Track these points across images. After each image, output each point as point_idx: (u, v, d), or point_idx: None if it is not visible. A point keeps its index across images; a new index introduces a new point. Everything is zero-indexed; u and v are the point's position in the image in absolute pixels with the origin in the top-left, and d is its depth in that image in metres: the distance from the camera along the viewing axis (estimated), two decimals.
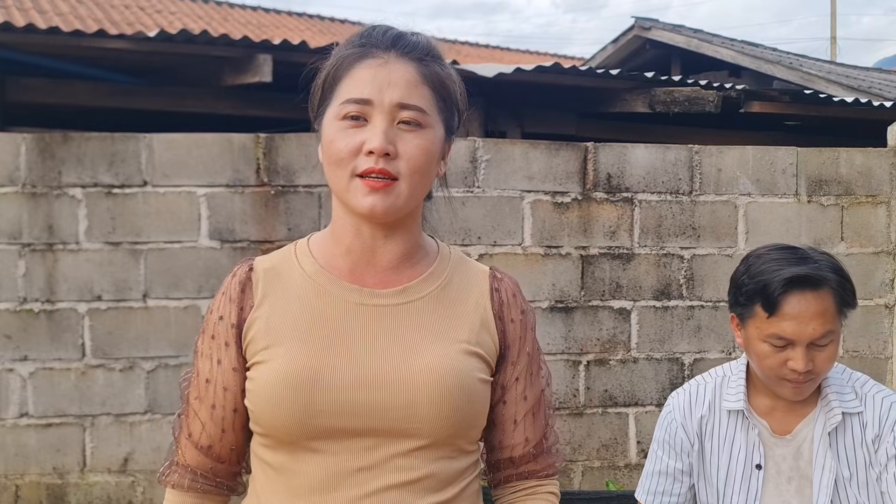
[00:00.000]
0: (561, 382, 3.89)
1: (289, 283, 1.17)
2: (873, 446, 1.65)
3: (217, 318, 1.19)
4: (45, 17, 9.76)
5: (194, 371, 1.22)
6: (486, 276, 1.26)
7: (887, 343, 4.04)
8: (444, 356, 1.13)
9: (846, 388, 1.69)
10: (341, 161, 1.12)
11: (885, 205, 4.03)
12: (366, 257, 1.17)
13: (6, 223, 3.54)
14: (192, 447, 1.21)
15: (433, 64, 1.16)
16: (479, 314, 1.20)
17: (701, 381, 1.79)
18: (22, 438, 3.57)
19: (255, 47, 3.88)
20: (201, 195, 3.64)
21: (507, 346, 1.22)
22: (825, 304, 1.58)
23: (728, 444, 1.70)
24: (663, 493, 1.75)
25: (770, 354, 1.59)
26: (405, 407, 1.10)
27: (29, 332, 3.56)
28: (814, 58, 11.40)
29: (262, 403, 1.12)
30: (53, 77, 4.22)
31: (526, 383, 1.23)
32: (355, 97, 1.11)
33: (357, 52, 1.14)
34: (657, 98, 4.35)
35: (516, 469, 1.26)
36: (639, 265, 3.92)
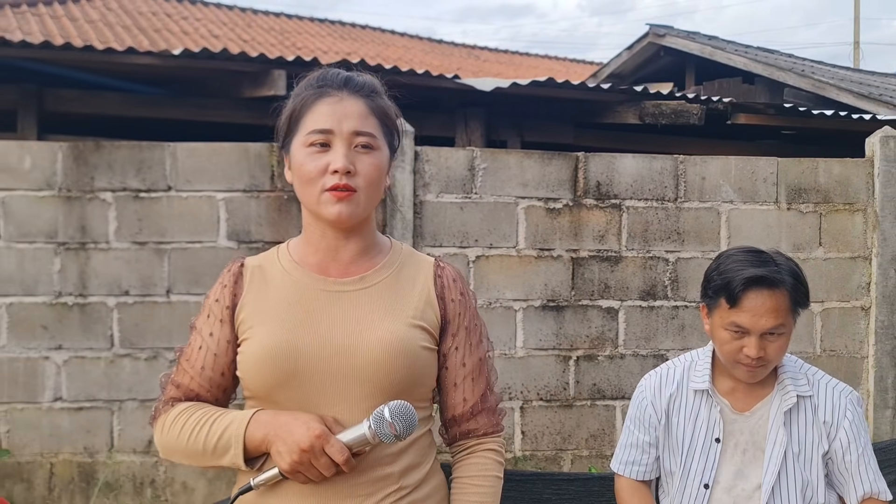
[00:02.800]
0: (552, 376, 4.20)
1: (271, 277, 1.48)
2: (825, 429, 1.91)
3: (213, 301, 1.49)
4: (76, 24, 10.21)
5: (189, 343, 1.51)
6: (430, 265, 1.53)
7: (863, 343, 4.30)
8: (392, 329, 1.41)
9: (799, 375, 1.96)
10: (311, 180, 1.41)
11: (862, 212, 4.30)
12: (330, 254, 1.47)
13: (44, 224, 3.94)
14: (180, 393, 1.49)
15: (377, 98, 1.46)
16: (424, 295, 1.48)
17: (671, 364, 2.07)
18: (56, 421, 3.95)
19: (271, 63, 4.25)
20: (220, 199, 4.01)
21: (448, 321, 1.49)
22: (779, 302, 1.83)
23: (692, 419, 1.97)
24: (633, 462, 2.03)
25: (729, 341, 1.86)
26: (361, 368, 1.39)
27: (63, 324, 3.94)
28: (830, 64, 11.53)
29: (250, 370, 1.42)
30: (86, 89, 4.62)
31: (465, 352, 1.50)
32: (319, 128, 1.41)
33: (316, 93, 1.44)
34: (646, 110, 4.66)
35: (459, 427, 1.52)
36: (626, 267, 4.22)
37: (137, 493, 4.00)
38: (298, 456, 1.32)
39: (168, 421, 1.46)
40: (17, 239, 3.92)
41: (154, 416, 1.52)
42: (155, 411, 1.52)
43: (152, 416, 1.53)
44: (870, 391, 4.26)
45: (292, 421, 1.35)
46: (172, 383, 1.51)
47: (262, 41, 11.54)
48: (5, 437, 3.92)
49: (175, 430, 1.44)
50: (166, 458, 1.50)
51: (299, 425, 1.34)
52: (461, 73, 12.34)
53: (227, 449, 1.39)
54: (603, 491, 3.37)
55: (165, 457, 1.49)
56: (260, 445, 1.37)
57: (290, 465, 1.33)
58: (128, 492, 3.99)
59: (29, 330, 3.92)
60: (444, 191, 4.10)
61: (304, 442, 1.32)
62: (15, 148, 3.96)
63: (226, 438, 1.39)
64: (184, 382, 1.48)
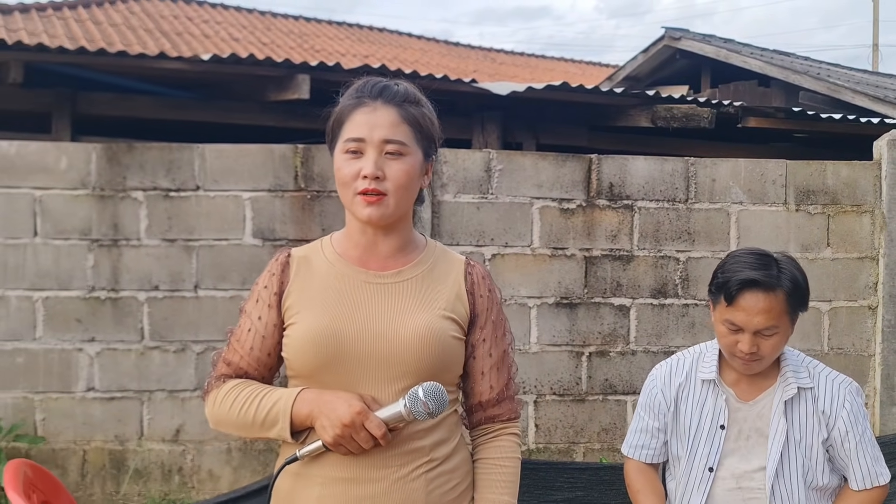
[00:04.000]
0: (565, 371, 4.36)
1: (317, 267, 1.61)
2: (823, 418, 2.05)
3: (262, 287, 1.62)
4: (100, 27, 10.45)
5: (239, 324, 1.64)
6: (461, 263, 1.66)
7: (870, 342, 4.42)
8: (426, 319, 1.55)
9: (801, 368, 2.10)
10: (346, 183, 1.56)
11: (870, 214, 4.42)
12: (370, 249, 1.60)
13: (78, 221, 4.14)
14: (231, 370, 1.63)
15: (410, 107, 1.58)
16: (454, 290, 1.62)
17: (681, 356, 2.21)
18: (89, 410, 4.15)
19: (296, 68, 4.44)
20: (246, 199, 4.20)
21: (477, 315, 1.63)
22: (772, 305, 1.95)
23: (699, 407, 2.11)
24: (643, 446, 2.18)
25: (726, 335, 2.01)
26: (397, 353, 1.53)
27: (96, 317, 4.14)
28: (847, 67, 11.60)
29: (296, 352, 1.55)
30: (118, 92, 4.83)
31: (491, 344, 1.64)
32: (353, 136, 1.55)
33: (354, 102, 1.57)
34: (658, 114, 4.81)
35: (485, 412, 1.65)
36: (638, 266, 4.37)
37: (165, 479, 4.19)
38: (341, 430, 1.47)
39: (220, 395, 1.60)
40: (52, 236, 4.12)
41: (206, 391, 1.66)
42: (207, 386, 1.66)
43: (204, 391, 1.67)
44: (876, 388, 4.38)
45: (335, 399, 1.49)
46: (224, 361, 1.64)
47: (282, 44, 11.76)
48: (41, 424, 4.12)
49: (227, 403, 1.58)
50: (216, 428, 1.64)
51: (341, 403, 1.48)
52: (477, 75, 12.51)
53: (275, 422, 1.53)
54: (613, 480, 3.53)
55: (215, 427, 1.63)
56: (305, 420, 1.52)
57: (334, 438, 1.48)
58: (156, 478, 4.18)
59: (63, 323, 4.12)
60: (461, 191, 4.27)
61: (346, 417, 1.46)
62: (52, 149, 4.16)
63: (274, 413, 1.53)
64: (234, 361, 1.62)
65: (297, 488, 1.56)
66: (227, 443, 4.20)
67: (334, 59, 11.55)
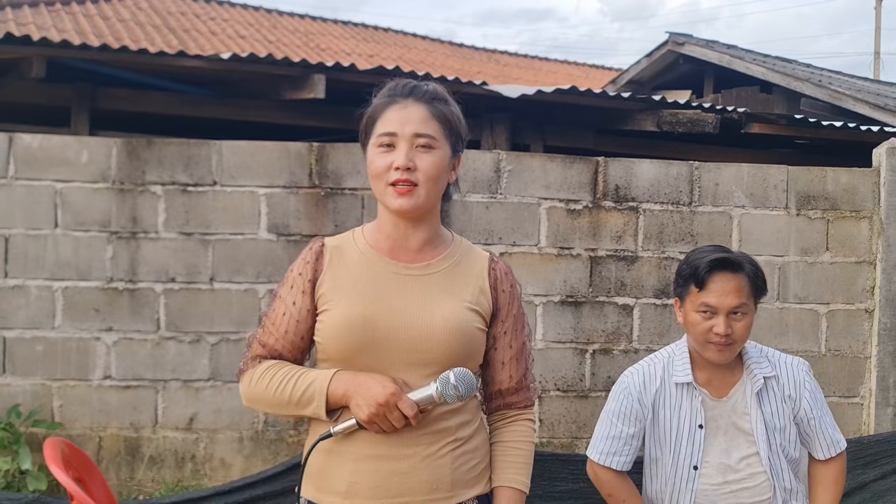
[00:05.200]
0: (569, 368, 4.50)
1: (349, 257, 1.71)
2: (790, 401, 2.22)
3: (297, 274, 1.71)
4: (108, 22, 10.58)
5: (273, 308, 1.73)
6: (486, 259, 1.78)
7: (867, 344, 4.57)
8: (452, 310, 1.67)
9: (761, 358, 2.26)
10: (380, 175, 1.67)
11: (868, 219, 4.57)
12: (400, 241, 1.71)
13: (98, 214, 4.27)
14: (265, 352, 1.72)
15: (439, 104, 1.70)
16: (479, 284, 1.73)
17: (650, 361, 2.32)
18: (105, 397, 4.28)
19: (311, 68, 4.58)
20: (262, 194, 4.33)
21: (499, 308, 1.74)
22: (740, 283, 2.14)
23: (677, 410, 2.24)
24: (615, 453, 2.26)
25: (700, 322, 2.15)
26: (426, 341, 1.64)
27: (113, 307, 4.28)
28: (848, 74, 11.75)
29: (330, 337, 1.65)
30: (135, 88, 4.96)
31: (512, 336, 1.76)
32: (386, 131, 1.66)
33: (387, 101, 1.70)
34: (664, 119, 4.96)
35: (503, 399, 1.77)
36: (641, 267, 4.52)
37: (179, 467, 4.32)
38: (375, 409, 1.57)
39: (256, 374, 1.70)
40: (73, 227, 4.25)
41: (242, 370, 1.75)
42: (244, 365, 1.75)
43: (240, 370, 1.76)
44: (872, 390, 4.53)
45: (369, 380, 1.60)
46: (259, 342, 1.74)
47: (288, 42, 11.90)
48: (58, 411, 4.25)
49: (263, 382, 1.68)
50: (249, 405, 1.75)
51: (376, 384, 1.59)
52: (482, 76, 12.65)
53: (310, 401, 1.63)
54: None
55: (248, 405, 1.74)
56: (340, 400, 1.62)
57: (368, 416, 1.58)
58: (170, 465, 4.31)
59: (82, 312, 4.25)
60: (471, 191, 4.41)
61: (380, 397, 1.57)
62: (73, 143, 4.30)
63: (310, 392, 1.63)
64: (269, 343, 1.72)
65: (330, 464, 1.65)
66: (238, 432, 4.33)
67: (340, 57, 11.69)
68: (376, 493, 1.62)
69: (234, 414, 4.34)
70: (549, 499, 3.62)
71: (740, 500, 2.19)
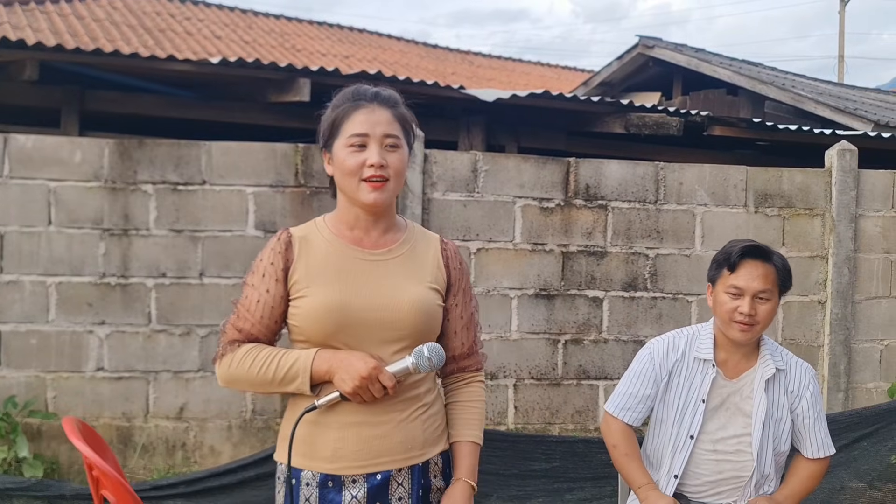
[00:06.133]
0: (542, 358, 4.79)
1: (317, 246, 1.85)
2: (791, 396, 2.48)
3: (269, 264, 1.83)
4: (83, 22, 10.68)
5: (245, 296, 1.85)
6: (437, 241, 1.97)
7: (819, 333, 4.92)
8: (417, 291, 1.85)
9: (777, 353, 2.53)
10: (353, 172, 1.80)
11: (821, 217, 4.93)
12: (363, 230, 1.87)
13: (91, 211, 4.47)
14: (242, 336, 1.85)
15: (399, 108, 1.87)
16: (435, 264, 1.92)
17: (677, 334, 2.58)
18: (98, 388, 4.49)
19: (297, 72, 4.82)
20: (249, 193, 4.57)
21: (451, 284, 1.93)
22: (768, 271, 2.38)
23: (689, 381, 2.50)
24: (630, 409, 2.54)
25: (727, 302, 2.41)
26: (396, 321, 1.81)
27: (106, 301, 4.48)
28: (812, 77, 12.20)
29: (308, 321, 1.79)
30: (124, 91, 5.17)
31: (462, 308, 1.95)
32: (358, 132, 1.80)
33: (353, 105, 1.83)
34: (631, 122, 5.29)
35: (457, 364, 1.96)
36: (610, 261, 4.82)
37: (169, 454, 4.54)
38: (360, 382, 1.74)
39: (237, 357, 1.84)
40: (66, 225, 4.46)
41: (220, 354, 1.87)
42: (221, 349, 1.88)
43: (218, 355, 1.88)
44: (825, 376, 4.88)
45: (351, 356, 1.77)
46: (234, 328, 1.87)
47: (264, 42, 12.08)
48: (52, 402, 4.45)
49: (246, 363, 1.82)
50: (227, 386, 1.88)
51: (357, 360, 1.76)
52: (456, 77, 12.94)
53: (294, 378, 1.79)
54: (586, 452, 3.98)
55: (227, 385, 1.88)
56: (324, 375, 1.78)
57: (353, 388, 1.74)
58: (161, 453, 4.53)
59: (75, 306, 4.45)
60: (449, 189, 4.69)
61: (364, 371, 1.74)
62: (66, 143, 4.50)
63: (294, 370, 1.78)
64: (245, 328, 1.86)
65: (315, 433, 1.82)
66: (227, 420, 4.57)
67: (316, 58, 11.91)
68: (358, 455, 1.80)
69: (222, 403, 4.57)
70: (524, 477, 3.92)
71: (721, 469, 2.46)
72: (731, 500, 2.49)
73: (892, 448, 4.06)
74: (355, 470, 1.80)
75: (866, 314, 4.96)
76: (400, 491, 1.84)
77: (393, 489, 1.83)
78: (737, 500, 2.48)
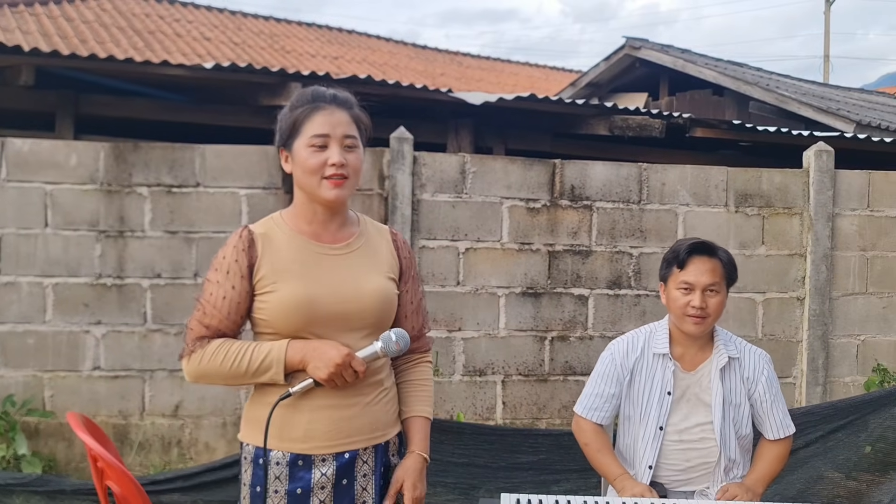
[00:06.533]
0: (529, 354, 4.94)
1: (278, 242, 1.93)
2: (748, 382, 2.63)
3: (232, 261, 1.91)
4: (72, 24, 10.76)
5: (209, 293, 1.92)
6: (387, 232, 2.10)
7: (798, 329, 5.09)
8: (378, 282, 1.97)
9: (730, 343, 2.68)
10: (315, 170, 1.89)
11: (799, 216, 5.10)
12: (321, 226, 1.96)
13: (87, 214, 4.59)
14: (210, 333, 1.92)
15: (355, 109, 1.97)
16: (389, 254, 2.05)
17: (635, 334, 2.75)
18: (94, 387, 4.60)
19: (288, 76, 4.95)
20: (242, 195, 4.69)
21: (403, 272, 2.06)
22: (715, 266, 2.57)
23: (651, 377, 2.65)
24: (597, 409, 2.70)
25: (679, 298, 2.58)
26: (360, 311, 1.93)
27: (102, 302, 4.60)
28: (797, 78, 12.41)
29: (278, 315, 1.89)
30: (117, 94, 5.28)
31: (412, 293, 2.09)
32: (319, 133, 1.89)
33: (313, 106, 1.92)
34: (615, 124, 5.45)
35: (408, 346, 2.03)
36: (595, 260, 4.98)
37: (165, 451, 4.66)
38: (334, 369, 1.85)
39: (208, 353, 1.91)
40: (62, 226, 4.57)
41: (190, 351, 1.95)
42: (191, 346, 1.95)
43: (188, 351, 1.95)
44: (803, 370, 5.05)
45: (323, 345, 1.88)
46: (201, 325, 1.94)
47: (253, 44, 12.19)
48: (49, 400, 4.56)
49: (218, 358, 1.90)
50: (197, 381, 1.97)
51: (330, 348, 1.87)
52: (444, 78, 13.08)
53: (268, 368, 1.89)
54: (571, 444, 4.09)
55: (196, 381, 1.96)
56: (297, 365, 1.88)
57: (328, 375, 1.85)
58: (157, 450, 4.65)
59: (72, 307, 4.56)
60: (438, 191, 4.83)
61: (337, 359, 1.86)
62: (62, 147, 4.61)
63: (268, 361, 1.88)
64: (212, 324, 1.93)
65: (286, 416, 1.92)
66: (222, 418, 4.69)
67: (305, 59, 12.03)
68: (329, 436, 1.92)
69: (217, 401, 4.70)
70: (511, 469, 4.05)
71: (689, 458, 2.61)
72: (703, 486, 2.64)
73: (866, 438, 4.23)
74: (326, 449, 1.93)
75: (843, 310, 5.14)
76: (365, 468, 1.98)
77: (359, 467, 1.97)
78: (709, 485, 2.63)
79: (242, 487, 1.98)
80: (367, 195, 4.75)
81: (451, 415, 4.79)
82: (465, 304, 4.86)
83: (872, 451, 4.25)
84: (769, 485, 2.69)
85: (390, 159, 4.75)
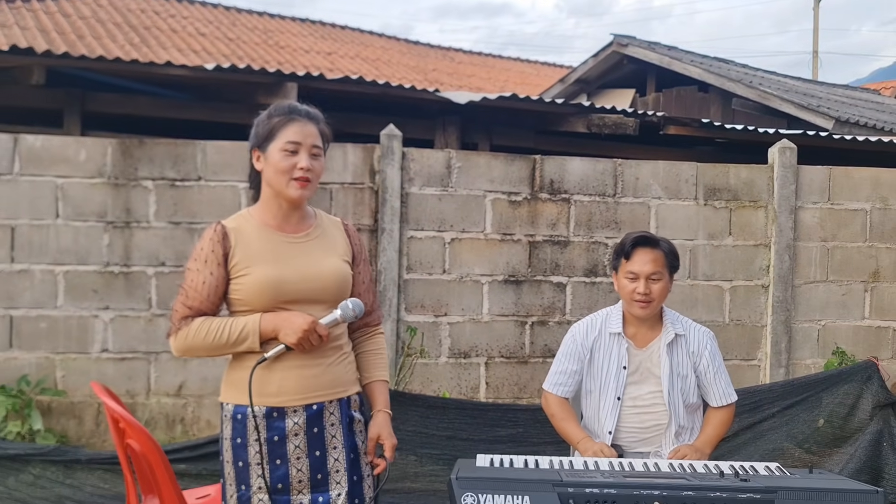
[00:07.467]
0: (511, 338, 5.34)
1: (248, 233, 2.30)
2: (693, 356, 3.03)
3: (209, 252, 2.27)
4: (69, 20, 11.08)
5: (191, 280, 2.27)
6: (339, 223, 2.46)
7: (763, 314, 5.50)
8: (335, 264, 2.35)
9: (677, 321, 3.08)
10: (286, 172, 2.26)
11: (764, 208, 5.50)
12: (285, 219, 2.33)
13: (96, 205, 4.96)
14: (193, 313, 2.28)
15: (321, 124, 2.34)
16: (342, 240, 2.42)
17: (593, 317, 3.15)
18: (103, 368, 4.97)
19: (285, 77, 5.33)
20: (242, 188, 5.05)
21: (355, 255, 2.43)
22: (657, 256, 2.95)
23: (608, 354, 3.06)
24: (562, 384, 3.12)
25: (627, 285, 2.97)
26: (321, 289, 2.30)
27: (110, 288, 4.96)
28: (782, 74, 12.80)
29: (252, 294, 2.25)
30: (122, 92, 5.65)
31: (364, 273, 2.46)
32: (292, 140, 2.26)
33: (289, 117, 2.29)
34: (592, 122, 5.86)
35: (362, 320, 2.43)
36: (573, 250, 5.37)
37: (169, 428, 5.04)
38: (302, 334, 2.21)
39: (192, 329, 2.27)
40: (72, 218, 4.93)
41: (177, 329, 2.30)
42: (178, 324, 2.30)
43: (175, 329, 2.30)
44: (767, 353, 5.46)
45: (291, 315, 2.25)
46: (185, 306, 2.30)
47: (247, 40, 12.54)
48: (61, 380, 4.93)
49: (201, 333, 2.25)
50: (183, 355, 2.33)
51: (297, 317, 2.24)
52: (437, 73, 13.45)
53: (246, 338, 2.24)
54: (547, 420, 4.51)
55: (183, 355, 2.33)
56: (270, 333, 2.24)
57: (298, 340, 2.21)
58: (161, 427, 5.03)
59: (81, 293, 4.93)
60: (425, 184, 5.21)
61: (304, 325, 2.22)
62: (72, 143, 4.98)
63: (245, 332, 2.24)
64: (195, 305, 2.29)
65: (262, 376, 2.26)
66: None
67: (299, 55, 12.39)
68: (298, 390, 2.27)
69: (217, 381, 4.96)
70: (491, 442, 4.45)
71: (643, 420, 3.01)
72: (656, 447, 3.04)
73: (818, 413, 4.64)
74: (296, 402, 2.28)
75: (805, 297, 5.54)
76: (332, 419, 2.35)
77: (326, 417, 2.34)
78: (660, 446, 3.03)
79: (224, 441, 2.35)
80: (358, 189, 5.13)
81: (438, 394, 5.18)
82: (450, 291, 5.25)
83: (825, 425, 4.67)
84: (715, 446, 3.09)
85: (380, 155, 5.13)
